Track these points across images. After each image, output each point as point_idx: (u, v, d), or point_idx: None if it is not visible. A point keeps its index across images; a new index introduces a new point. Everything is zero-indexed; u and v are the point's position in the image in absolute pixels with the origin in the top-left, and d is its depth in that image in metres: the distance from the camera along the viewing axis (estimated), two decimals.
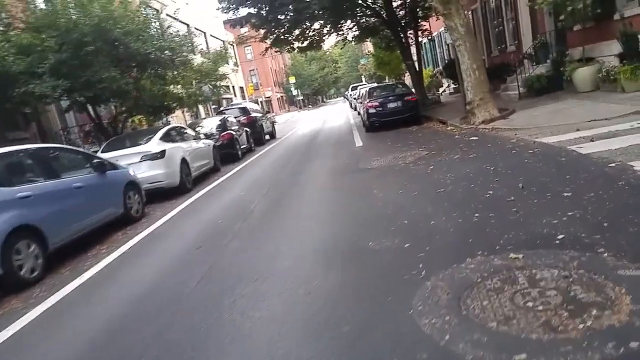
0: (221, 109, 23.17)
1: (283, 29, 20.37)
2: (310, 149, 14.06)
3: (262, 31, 20.62)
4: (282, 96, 63.02)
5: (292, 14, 18.98)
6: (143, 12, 12.94)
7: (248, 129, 18.11)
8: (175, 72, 14.53)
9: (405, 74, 22.79)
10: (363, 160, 9.39)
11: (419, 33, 21.66)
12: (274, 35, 20.74)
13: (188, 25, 31.45)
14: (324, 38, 23.75)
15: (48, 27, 10.50)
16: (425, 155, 8.60)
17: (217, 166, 12.92)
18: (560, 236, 3.61)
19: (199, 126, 15.57)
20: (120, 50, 11.59)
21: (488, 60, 21.00)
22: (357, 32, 23.34)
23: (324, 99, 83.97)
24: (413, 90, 18.98)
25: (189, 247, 5.77)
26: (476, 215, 4.54)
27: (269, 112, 23.30)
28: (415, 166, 7.77)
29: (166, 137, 10.36)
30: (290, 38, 21.46)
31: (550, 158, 6.27)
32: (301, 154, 13.40)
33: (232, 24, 19.88)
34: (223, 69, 21.64)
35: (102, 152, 9.96)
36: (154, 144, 9.81)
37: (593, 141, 6.55)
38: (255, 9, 19.28)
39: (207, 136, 14.52)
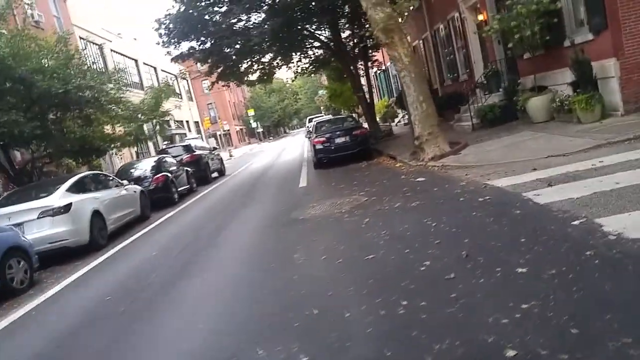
0: (163, 146, 21.78)
1: (229, 63, 19.40)
2: (252, 190, 12.87)
3: (206, 65, 19.62)
4: (241, 129, 61.87)
5: (237, 46, 18.06)
6: (62, 48, 11.62)
7: (190, 168, 16.82)
8: (104, 113, 13.20)
9: (359, 105, 22.08)
10: (299, 208, 8.27)
11: (370, 64, 21.08)
12: (219, 69, 19.71)
13: (136, 61, 30.29)
14: (274, 70, 22.95)
15: None
16: (365, 202, 7.55)
17: (146, 214, 11.54)
18: (511, 353, 2.52)
19: (133, 168, 14.22)
20: (30, 90, 10.22)
21: (441, 89, 20.59)
22: (306, 65, 22.63)
23: (286, 130, 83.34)
24: (364, 123, 18.26)
25: (52, 341, 4.42)
26: (404, 304, 3.42)
27: (215, 149, 22.05)
28: (350, 217, 6.68)
29: (75, 188, 8.97)
30: (237, 72, 20.49)
31: (502, 210, 5.28)
32: (241, 196, 12.19)
33: (175, 59, 18.70)
34: (168, 104, 20.41)
35: None
36: (58, 197, 8.41)
37: (551, 186, 5.64)
38: (198, 43, 18.26)
39: (140, 179, 13.21)
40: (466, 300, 3.29)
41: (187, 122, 38.79)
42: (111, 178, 10.96)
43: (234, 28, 17.64)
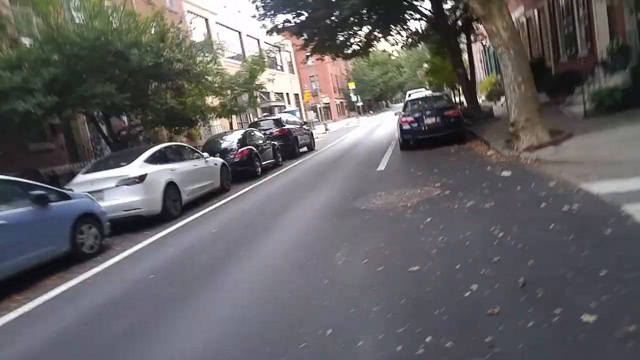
0: (256, 120, 22.15)
1: (324, 36, 18.93)
2: (329, 170, 12.51)
3: (302, 38, 19.36)
4: (341, 102, 61.47)
5: (332, 18, 17.51)
6: (159, 23, 12.00)
7: (279, 142, 16.95)
8: (194, 84, 13.58)
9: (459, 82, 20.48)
10: (366, 195, 7.74)
11: (474, 37, 19.35)
12: (314, 42, 19.34)
13: (240, 33, 31.05)
14: (372, 44, 22.05)
15: (45, 42, 9.83)
16: (435, 196, 6.81)
17: (225, 186, 11.74)
18: None
19: (221, 139, 14.58)
20: (126, 63, 10.71)
21: (555, 67, 18.34)
22: (405, 38, 21.40)
23: (388, 104, 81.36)
24: (463, 101, 16.87)
25: (91, 313, 4.49)
26: (427, 341, 2.84)
27: (306, 123, 21.95)
28: (413, 214, 6.02)
29: (153, 158, 9.28)
30: (332, 45, 19.96)
31: (589, 227, 4.34)
32: (316, 175, 11.90)
33: (270, 31, 18.67)
34: (263, 77, 20.64)
35: (83, 173, 9.08)
36: (135, 167, 8.75)
37: None
38: (293, 15, 18.00)
39: (227, 151, 13.50)
40: (502, 350, 2.62)
41: (287, 94, 39.31)
42: (191, 150, 11.22)
43: None
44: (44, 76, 9.28)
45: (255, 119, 22.56)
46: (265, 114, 30.91)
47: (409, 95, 34.33)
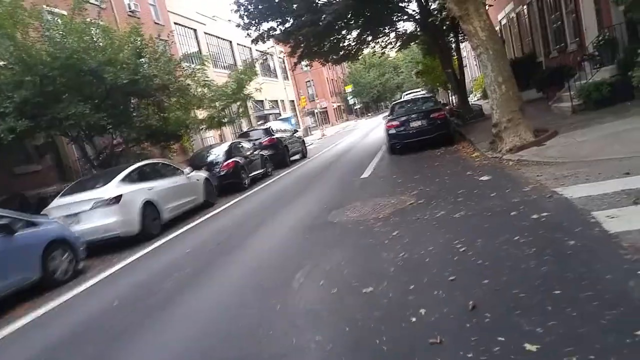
0: (245, 130, 22.02)
1: (311, 42, 18.79)
2: (316, 179, 12.34)
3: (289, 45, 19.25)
4: (339, 106, 61.34)
5: (320, 23, 17.37)
6: (135, 39, 11.88)
7: (269, 151, 16.84)
8: (174, 99, 13.46)
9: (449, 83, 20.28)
10: (342, 207, 7.55)
11: (462, 37, 19.15)
12: (301, 50, 19.20)
13: (231, 42, 30.99)
14: (362, 47, 21.92)
15: (15, 63, 9.73)
16: (408, 207, 6.61)
17: (210, 201, 11.59)
18: None
19: (206, 153, 14.46)
20: (101, 81, 10.59)
21: (546, 62, 18.09)
22: (394, 40, 21.24)
23: (387, 105, 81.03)
24: (453, 101, 16.65)
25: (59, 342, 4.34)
26: None
27: (297, 131, 21.79)
28: (382, 227, 5.82)
29: (129, 178, 9.14)
30: (319, 51, 19.82)
31: (553, 237, 4.13)
32: (302, 185, 11.72)
33: (255, 40, 18.56)
34: (252, 86, 20.52)
35: (60, 197, 8.95)
36: (111, 188, 8.61)
37: (638, 204, 4.32)
38: (277, 23, 17.88)
39: (213, 164, 13.38)
40: None
41: (282, 101, 39.21)
42: (171, 167, 11.08)
43: (315, 3, 16.95)
44: (15, 99, 9.19)
45: (251, 128, 22.42)
46: (260, 122, 30.82)
47: (403, 97, 34.31)
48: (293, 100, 42.57)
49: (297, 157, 20.22)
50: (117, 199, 8.35)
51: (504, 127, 9.34)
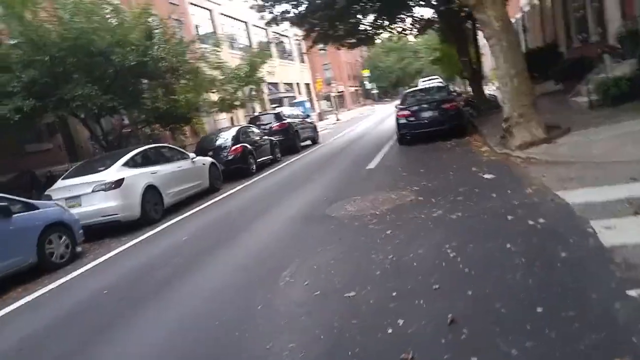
0: (256, 114, 21.88)
1: (325, 26, 18.45)
2: (322, 168, 12.21)
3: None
4: (356, 90, 60.64)
5: (335, 7, 17.03)
6: (146, 20, 11.76)
7: (279, 137, 16.75)
8: (184, 81, 13.37)
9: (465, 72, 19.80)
10: (342, 200, 7.43)
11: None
12: (316, 33, 18.88)
13: (246, 23, 30.68)
14: (378, 32, 21.50)
15: (25, 43, 9.72)
16: (407, 203, 6.48)
17: (215, 186, 11.57)
18: None
19: (215, 137, 14.42)
20: (109, 63, 10.54)
21: (567, 52, 17.51)
22: (411, 25, 20.76)
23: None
24: (470, 91, 16.25)
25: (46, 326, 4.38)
26: None
27: (308, 117, 21.57)
28: (377, 224, 5.70)
29: (132, 162, 9.14)
30: (334, 35, 19.46)
31: (546, 247, 3.99)
32: (308, 173, 11.60)
33: (269, 23, 18.31)
34: (266, 68, 20.35)
35: (63, 178, 9.00)
36: (112, 172, 8.62)
37: (639, 215, 4.14)
38: (292, 5, 17.56)
39: (221, 149, 13.34)
40: None
41: (298, 84, 38.89)
42: (177, 151, 11.06)
43: None
44: (23, 79, 9.21)
45: (259, 113, 22.27)
46: (274, 105, 30.65)
47: (419, 84, 33.76)
48: (309, 84, 42.18)
49: (308, 142, 20.08)
50: (118, 182, 8.36)
51: (514, 122, 9.07)
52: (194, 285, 4.97)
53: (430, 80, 33.41)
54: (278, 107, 29.14)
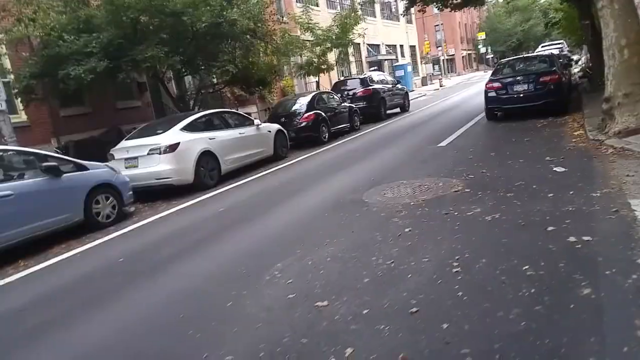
0: (342, 78, 21.12)
1: None
2: (392, 141, 11.41)
3: None
4: (469, 54, 56.24)
5: None
6: None
7: (362, 103, 16.13)
8: (263, 44, 13.16)
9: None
10: (386, 183, 6.78)
11: None
12: None
13: None
14: None
15: (105, 4, 10.08)
16: (448, 195, 5.66)
17: (280, 154, 11.40)
18: None
19: (290, 103, 14.17)
20: (176, 24, 10.58)
21: None
22: None
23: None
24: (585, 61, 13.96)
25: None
26: None
27: (399, 83, 20.33)
28: (403, 218, 5.03)
29: (192, 126, 9.19)
30: None
31: (571, 280, 3.11)
32: (374, 147, 10.94)
33: None
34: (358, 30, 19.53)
35: (126, 139, 9.36)
36: (169, 136, 8.74)
37: None
38: None
39: (294, 115, 13.10)
40: None
41: (402, 46, 37.03)
42: (242, 117, 10.96)
43: None
44: (102, 40, 9.59)
45: (344, 78, 21.54)
46: (372, 68, 29.59)
47: (539, 49, 30.19)
48: (414, 46, 40.00)
49: (396, 110, 19.09)
50: (173, 147, 8.46)
51: (617, 102, 7.55)
52: (190, 268, 4.76)
53: (551, 46, 29.67)
54: (376, 70, 28.10)
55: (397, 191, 6.25)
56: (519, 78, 11.26)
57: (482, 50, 50.59)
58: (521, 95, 11.13)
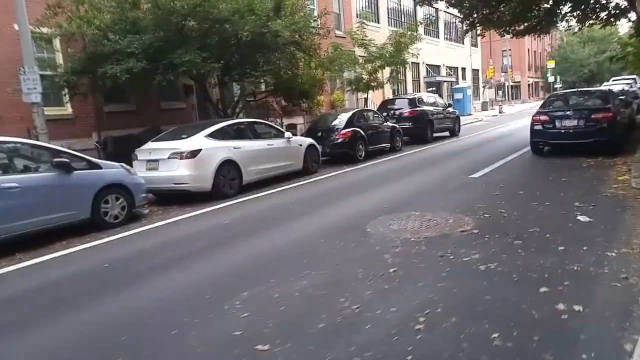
0: (390, 97, 20.63)
1: (484, 9, 16.29)
2: (430, 167, 10.94)
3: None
4: (536, 82, 53.77)
5: None
6: None
7: (407, 124, 15.70)
8: (305, 56, 13.06)
9: None
10: (397, 213, 6.38)
11: None
12: (473, 17, 16.82)
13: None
14: (554, 20, 18.36)
15: (152, 7, 10.34)
16: (455, 234, 5.21)
17: (310, 168, 11.19)
18: None
19: (331, 117, 13.99)
20: (221, 32, 10.68)
21: None
22: (595, 15, 17.18)
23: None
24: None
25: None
26: None
27: (450, 106, 19.60)
28: (393, 256, 4.62)
29: (217, 134, 9.16)
30: (500, 17, 17.04)
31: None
32: (408, 172, 10.51)
33: (419, 2, 16.89)
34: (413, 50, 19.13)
35: (152, 140, 9.47)
36: (192, 141, 8.74)
37: None
38: None
39: (332, 130, 12.91)
40: None
41: (464, 69, 35.97)
42: (273, 128, 10.86)
43: None
44: (145, 41, 9.81)
45: (393, 97, 21.05)
46: (430, 89, 28.90)
47: (610, 82, 28.24)
48: (477, 70, 38.75)
49: (445, 133, 18.42)
50: (194, 153, 8.45)
51: None
52: (159, 285, 4.55)
53: (621, 80, 27.75)
54: (434, 90, 27.43)
55: (404, 223, 5.85)
56: (568, 113, 10.45)
57: (551, 79, 48.23)
58: (570, 131, 10.32)
